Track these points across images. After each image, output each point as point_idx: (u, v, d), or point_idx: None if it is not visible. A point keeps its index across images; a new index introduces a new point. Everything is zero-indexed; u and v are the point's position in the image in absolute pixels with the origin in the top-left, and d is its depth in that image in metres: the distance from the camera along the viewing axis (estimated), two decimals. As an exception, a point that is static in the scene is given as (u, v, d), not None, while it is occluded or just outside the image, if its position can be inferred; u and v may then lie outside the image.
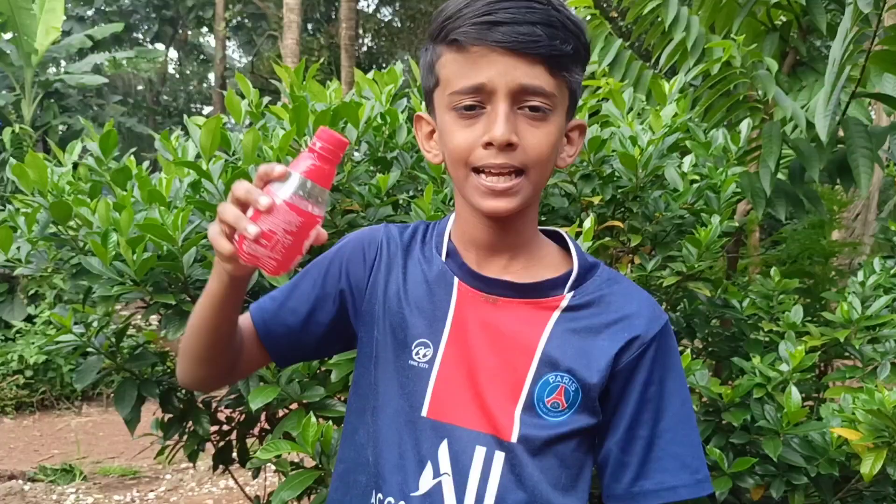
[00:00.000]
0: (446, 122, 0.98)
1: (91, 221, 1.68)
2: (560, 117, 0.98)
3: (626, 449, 1.02)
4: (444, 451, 0.99)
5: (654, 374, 1.02)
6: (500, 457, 0.98)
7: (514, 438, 0.98)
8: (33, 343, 5.23)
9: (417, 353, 1.04)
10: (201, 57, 24.81)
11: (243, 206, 0.87)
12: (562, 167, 1.06)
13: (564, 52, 0.94)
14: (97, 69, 13.84)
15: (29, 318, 5.78)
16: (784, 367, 1.88)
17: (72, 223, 1.77)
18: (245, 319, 1.12)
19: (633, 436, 1.02)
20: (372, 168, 2.13)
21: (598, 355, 1.00)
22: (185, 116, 1.85)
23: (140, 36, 21.97)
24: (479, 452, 0.99)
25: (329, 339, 1.14)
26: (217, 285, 0.99)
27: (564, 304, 1.02)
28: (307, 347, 1.15)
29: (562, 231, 1.12)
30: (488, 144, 0.93)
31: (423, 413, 1.01)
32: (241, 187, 0.88)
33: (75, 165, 2.06)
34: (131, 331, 2.20)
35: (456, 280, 1.05)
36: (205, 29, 22.81)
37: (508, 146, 0.93)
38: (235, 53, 25.32)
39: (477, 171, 0.96)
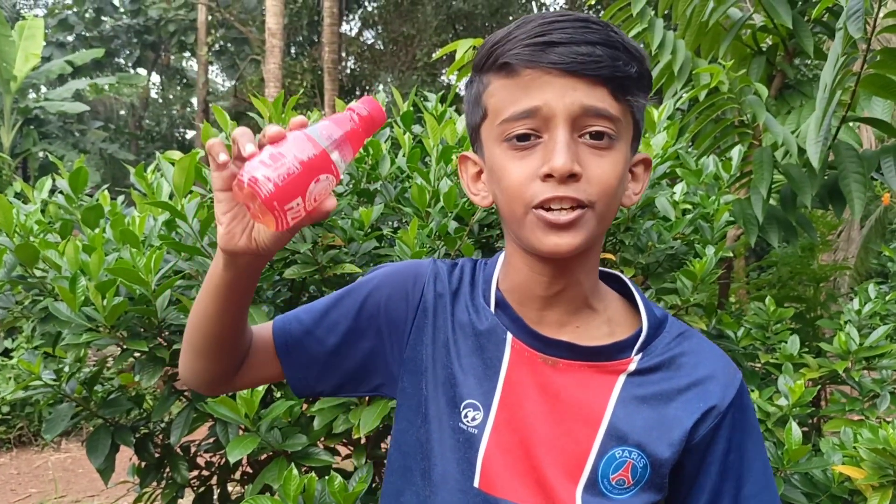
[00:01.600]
0: (497, 157, 0.87)
1: (59, 265, 1.60)
2: (626, 146, 0.87)
3: None
4: None
5: (733, 441, 0.92)
6: None
7: None
8: (10, 379, 5.10)
9: (466, 416, 0.93)
10: (184, 81, 24.79)
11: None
12: (627, 206, 0.93)
13: (628, 74, 0.84)
14: (78, 95, 13.80)
15: (6, 352, 5.65)
16: (783, 402, 1.83)
17: (40, 265, 1.69)
18: (265, 331, 1.02)
19: None
20: (354, 201, 2.07)
21: (671, 427, 0.90)
22: (157, 153, 1.78)
23: (122, 61, 21.91)
24: None
25: (355, 379, 1.02)
26: (220, 269, 0.88)
27: (632, 367, 0.91)
28: (329, 382, 1.03)
29: (623, 277, 1.01)
30: (548, 176, 0.82)
31: (476, 483, 0.91)
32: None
33: (47, 203, 1.98)
34: (109, 370, 2.12)
35: (509, 336, 0.93)
36: (187, 53, 22.77)
37: (571, 177, 0.82)
38: (219, 77, 25.31)
39: (537, 208, 0.84)
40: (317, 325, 1.01)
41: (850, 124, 2.60)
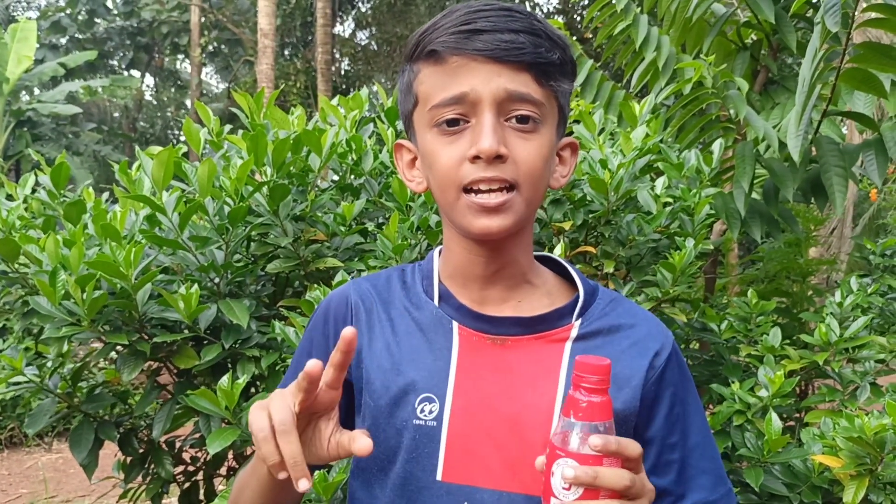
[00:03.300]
0: (428, 142, 0.91)
1: (40, 259, 1.60)
2: (550, 130, 0.91)
3: (660, 474, 0.96)
4: None
5: (677, 395, 0.97)
6: None
7: None
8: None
9: (422, 411, 0.93)
10: (178, 83, 24.74)
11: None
12: (555, 188, 0.98)
13: (550, 61, 0.88)
14: (71, 97, 13.77)
15: (-4, 353, 5.65)
16: (763, 393, 1.84)
17: (22, 260, 1.70)
18: None
19: (666, 460, 0.96)
20: (338, 196, 2.08)
21: (621, 384, 0.93)
22: (136, 148, 1.79)
23: (115, 63, 21.86)
24: None
25: (351, 422, 1.03)
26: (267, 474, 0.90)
27: (574, 333, 0.95)
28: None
29: (555, 256, 1.06)
30: (476, 158, 0.86)
31: (438, 477, 0.92)
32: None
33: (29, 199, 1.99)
34: (103, 366, 2.12)
35: (455, 324, 0.96)
36: (181, 55, 22.73)
37: (498, 158, 0.85)
38: (212, 79, 25.28)
39: (467, 191, 0.88)
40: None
41: (835, 119, 2.62)
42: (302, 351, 1.06)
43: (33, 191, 1.95)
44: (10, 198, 2.00)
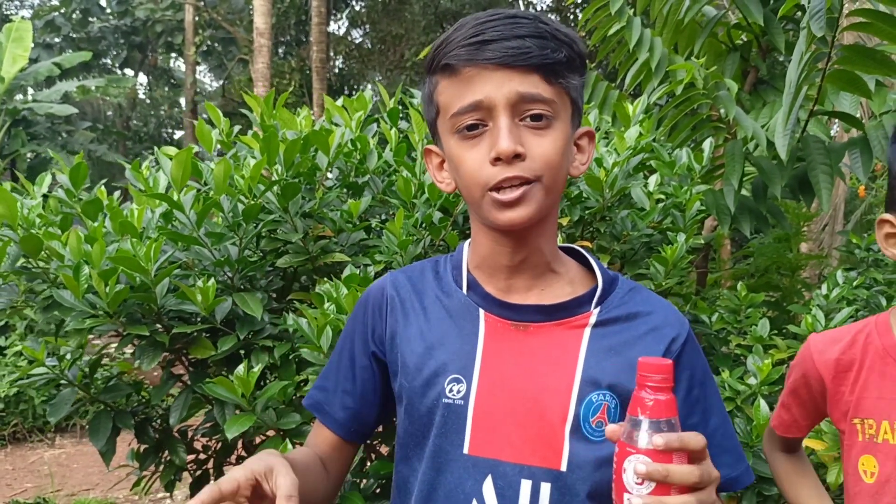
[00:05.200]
0: (452, 148, 0.98)
1: (62, 254, 1.67)
2: (564, 124, 0.97)
3: None
4: (489, 489, 0.99)
5: (695, 378, 1.04)
6: (546, 488, 0.97)
7: (563, 466, 0.97)
8: (4, 375, 5.14)
9: (451, 390, 1.02)
10: (172, 81, 24.73)
11: None
12: (575, 176, 1.04)
13: (557, 60, 0.94)
14: (66, 97, 13.77)
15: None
16: (752, 381, 1.93)
17: (43, 256, 1.77)
18: (322, 438, 1.16)
19: None
20: (343, 193, 2.15)
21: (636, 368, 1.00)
22: (155, 148, 1.86)
23: (109, 62, 21.83)
24: (525, 486, 0.97)
25: (389, 403, 1.14)
26: None
27: (593, 320, 1.02)
28: (372, 417, 1.15)
29: (577, 247, 1.12)
30: (496, 160, 0.93)
31: (465, 450, 1.01)
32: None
33: (46, 197, 2.05)
34: (106, 360, 2.18)
35: (481, 311, 1.04)
36: (174, 54, 22.72)
37: (516, 157, 0.92)
38: (206, 77, 25.26)
39: (492, 190, 0.95)
40: (336, 380, 1.15)
41: (822, 118, 2.71)
42: (345, 336, 1.17)
43: (50, 189, 2.03)
44: (26, 194, 2.06)
